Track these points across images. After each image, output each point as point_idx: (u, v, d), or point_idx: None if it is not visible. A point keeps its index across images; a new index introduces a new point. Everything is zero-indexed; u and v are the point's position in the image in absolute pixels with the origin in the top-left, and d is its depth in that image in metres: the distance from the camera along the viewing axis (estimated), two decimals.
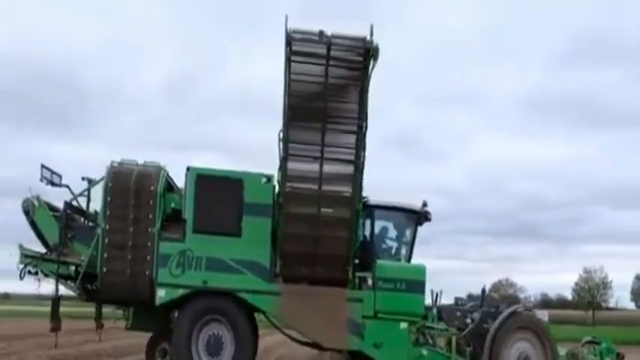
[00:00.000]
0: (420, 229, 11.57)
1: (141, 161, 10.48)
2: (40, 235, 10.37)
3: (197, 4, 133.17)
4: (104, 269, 9.86)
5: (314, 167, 9.53)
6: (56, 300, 10.20)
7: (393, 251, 11.47)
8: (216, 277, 9.95)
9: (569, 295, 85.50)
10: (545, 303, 79.55)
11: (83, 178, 10.83)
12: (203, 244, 10.01)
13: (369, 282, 10.24)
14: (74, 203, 10.70)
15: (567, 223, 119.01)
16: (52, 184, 10.76)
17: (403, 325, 10.18)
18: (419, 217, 11.42)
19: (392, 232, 11.59)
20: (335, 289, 10.12)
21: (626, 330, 41.35)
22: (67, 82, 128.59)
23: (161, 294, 9.90)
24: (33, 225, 10.36)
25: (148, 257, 9.91)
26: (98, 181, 10.54)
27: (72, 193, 10.76)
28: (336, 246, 9.85)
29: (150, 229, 9.96)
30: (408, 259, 11.42)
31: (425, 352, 10.45)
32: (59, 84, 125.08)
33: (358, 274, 10.30)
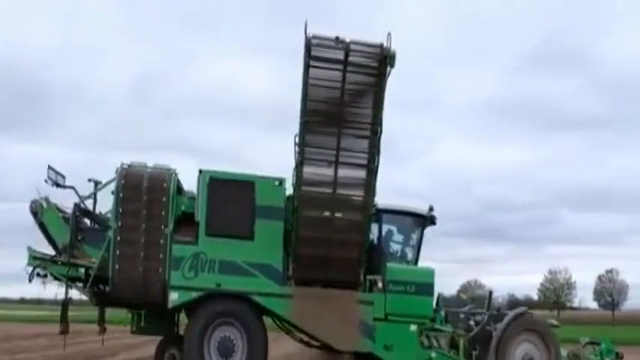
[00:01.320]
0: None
1: (150, 164, 10.42)
2: (48, 237, 10.22)
3: (160, 5, 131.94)
4: (116, 272, 9.75)
5: (329, 171, 9.60)
6: (66, 303, 10.03)
7: (400, 254, 11.62)
8: (230, 279, 9.94)
9: (535, 295, 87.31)
10: (513, 303, 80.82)
11: (89, 180, 10.72)
12: (216, 247, 9.99)
13: (380, 285, 10.37)
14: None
15: (533, 225, 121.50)
16: (57, 185, 10.59)
17: (413, 328, 10.34)
18: (425, 221, 11.59)
19: (399, 236, 11.74)
20: (347, 291, 10.22)
21: (590, 329, 42.46)
22: (28, 82, 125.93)
23: (174, 297, 9.86)
24: (41, 226, 10.21)
25: (161, 260, 9.84)
26: (106, 183, 10.42)
27: (77, 194, 10.61)
28: (349, 249, 9.95)
29: (163, 232, 9.90)
30: (415, 262, 11.58)
31: (434, 354, 10.64)
32: (20, 84, 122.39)
33: (369, 277, 10.43)
